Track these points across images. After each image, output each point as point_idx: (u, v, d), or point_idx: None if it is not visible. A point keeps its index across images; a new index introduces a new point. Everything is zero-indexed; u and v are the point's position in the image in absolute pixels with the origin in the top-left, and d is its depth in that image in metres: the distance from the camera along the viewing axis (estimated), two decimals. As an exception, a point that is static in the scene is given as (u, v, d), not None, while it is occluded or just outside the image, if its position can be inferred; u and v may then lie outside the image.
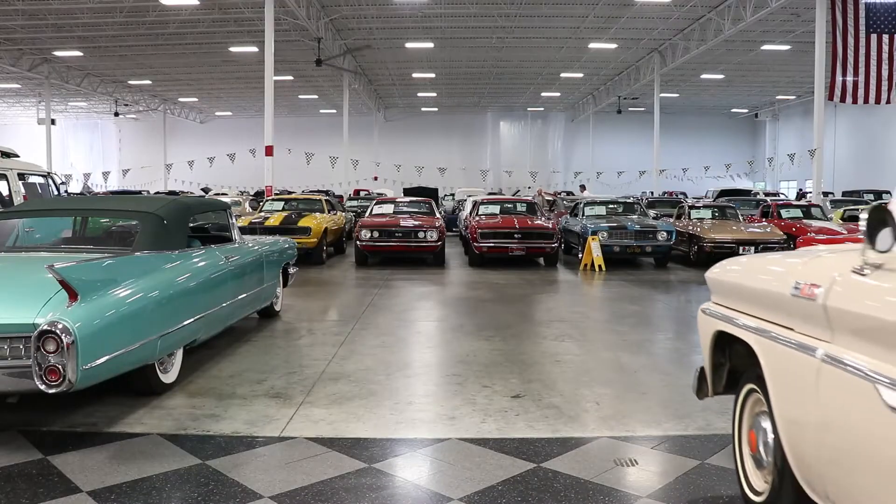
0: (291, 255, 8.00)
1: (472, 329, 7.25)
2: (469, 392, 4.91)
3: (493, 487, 3.32)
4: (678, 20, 25.90)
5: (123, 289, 4.16)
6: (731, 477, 3.43)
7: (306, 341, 6.67)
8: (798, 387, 2.44)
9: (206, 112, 49.65)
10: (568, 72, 34.87)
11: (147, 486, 3.30)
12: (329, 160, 36.28)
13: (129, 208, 5.68)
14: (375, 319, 7.82)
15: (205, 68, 33.99)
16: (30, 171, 9.93)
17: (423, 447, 3.89)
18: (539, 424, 4.23)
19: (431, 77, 35.82)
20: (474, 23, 25.91)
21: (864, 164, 35.85)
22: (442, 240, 13.38)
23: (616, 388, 5.05)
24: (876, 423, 1.97)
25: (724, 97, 42.76)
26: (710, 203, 17.85)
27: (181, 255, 5.15)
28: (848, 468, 2.18)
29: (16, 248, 5.30)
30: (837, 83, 16.97)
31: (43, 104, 35.21)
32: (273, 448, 3.83)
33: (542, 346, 6.48)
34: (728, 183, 39.34)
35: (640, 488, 3.31)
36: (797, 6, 21.96)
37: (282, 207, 15.26)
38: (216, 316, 5.45)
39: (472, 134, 49.25)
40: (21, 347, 3.68)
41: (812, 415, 2.35)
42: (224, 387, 4.99)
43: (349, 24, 26.76)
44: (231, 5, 23.26)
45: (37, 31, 25.89)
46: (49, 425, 4.13)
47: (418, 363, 5.86)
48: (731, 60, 31.31)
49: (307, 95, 41.53)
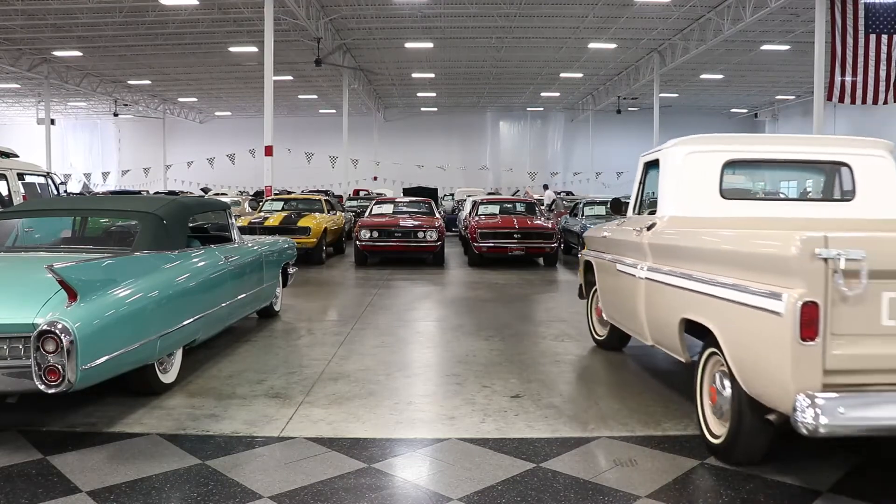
0: (291, 256, 8.00)
1: (472, 329, 7.25)
2: (468, 392, 4.91)
3: (492, 487, 3.33)
4: (678, 20, 25.91)
5: (123, 289, 4.15)
6: (731, 476, 3.43)
7: (306, 341, 6.67)
8: (608, 277, 5.74)
9: (205, 112, 49.62)
10: (567, 72, 34.87)
11: (146, 486, 3.30)
12: (329, 160, 36.28)
13: (128, 208, 5.67)
14: (375, 319, 7.82)
15: (204, 68, 33.98)
16: (29, 171, 9.93)
17: (423, 447, 3.90)
18: (538, 424, 4.23)
19: (431, 77, 35.82)
20: (474, 23, 25.91)
21: (863, 164, 35.80)
22: (441, 240, 13.38)
23: (616, 388, 5.05)
24: (633, 284, 4.90)
25: (723, 97, 42.78)
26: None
27: (181, 256, 5.15)
28: (618, 305, 5.43)
29: (15, 248, 5.30)
30: (836, 83, 16.97)
31: (42, 104, 35.19)
32: (272, 448, 3.83)
33: (542, 346, 6.48)
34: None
35: (640, 488, 3.31)
36: (796, 6, 21.98)
37: (281, 207, 15.27)
38: (216, 316, 5.45)
39: (471, 134, 49.24)
40: (20, 347, 3.68)
41: (610, 287, 5.70)
42: (224, 387, 4.99)
43: (349, 24, 26.76)
44: (230, 5, 23.26)
45: (36, 31, 25.88)
46: (49, 425, 4.13)
47: (418, 363, 5.86)
48: (730, 60, 31.32)
49: (307, 95, 41.52)
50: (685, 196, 4.76)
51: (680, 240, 4.34)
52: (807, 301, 2.92)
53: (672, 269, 4.25)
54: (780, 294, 3.02)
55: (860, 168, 4.85)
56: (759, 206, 4.87)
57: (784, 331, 2.98)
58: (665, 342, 4.51)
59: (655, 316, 4.59)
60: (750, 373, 3.33)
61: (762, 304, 3.16)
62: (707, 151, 4.82)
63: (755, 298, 3.22)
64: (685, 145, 4.86)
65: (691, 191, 4.78)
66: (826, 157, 4.97)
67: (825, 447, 3.74)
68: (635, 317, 4.94)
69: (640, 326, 4.90)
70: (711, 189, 4.74)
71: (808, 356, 2.94)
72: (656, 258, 4.62)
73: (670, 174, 4.87)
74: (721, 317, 3.58)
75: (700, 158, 4.80)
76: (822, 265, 2.92)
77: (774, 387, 3.11)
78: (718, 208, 4.68)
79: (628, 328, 5.34)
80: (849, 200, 4.85)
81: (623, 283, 5.20)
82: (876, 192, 4.82)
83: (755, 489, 3.30)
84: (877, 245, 2.97)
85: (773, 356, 3.08)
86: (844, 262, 2.89)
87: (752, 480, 3.39)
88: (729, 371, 3.53)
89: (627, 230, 5.26)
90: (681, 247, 4.26)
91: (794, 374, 2.95)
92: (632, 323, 5.12)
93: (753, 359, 3.29)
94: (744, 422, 3.45)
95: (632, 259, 5.05)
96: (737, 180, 5.22)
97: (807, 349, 2.93)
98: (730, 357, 3.49)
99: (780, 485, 3.34)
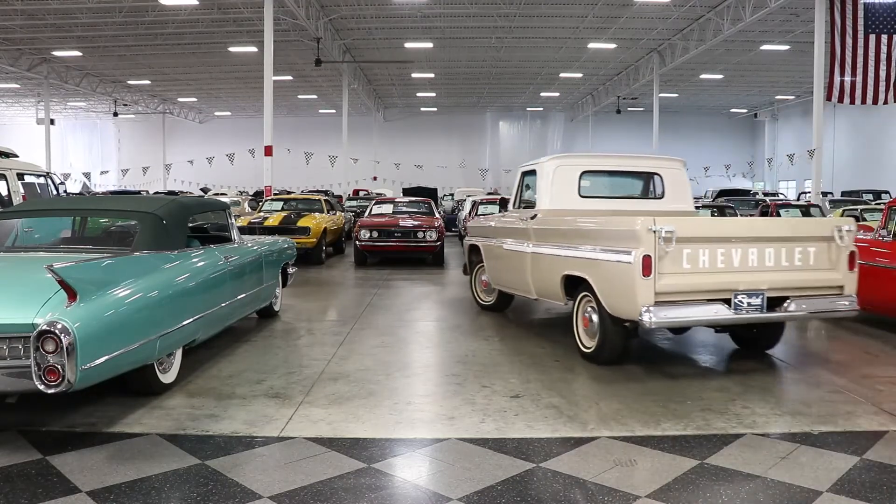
0: (291, 256, 8.00)
1: (471, 329, 7.25)
2: (468, 392, 4.91)
3: (492, 487, 3.32)
4: (677, 20, 25.92)
5: (122, 289, 4.15)
6: (731, 476, 3.44)
7: (305, 341, 6.67)
8: (497, 256, 7.69)
9: (205, 112, 49.63)
10: (567, 72, 34.89)
11: (146, 486, 3.30)
12: (328, 160, 36.28)
13: (128, 208, 5.66)
14: (375, 319, 7.82)
15: (204, 68, 33.99)
16: (29, 171, 9.92)
17: (423, 447, 3.89)
18: (538, 424, 4.23)
19: (431, 77, 35.83)
20: (473, 23, 25.91)
21: (862, 164, 35.89)
22: (441, 240, 13.39)
23: (615, 388, 5.05)
24: (520, 257, 6.96)
25: (723, 97, 42.80)
26: (709, 203, 17.86)
27: (180, 255, 5.14)
28: (507, 275, 7.44)
29: (15, 248, 5.30)
30: (836, 83, 16.98)
31: (42, 104, 35.19)
32: (272, 448, 3.83)
33: (542, 346, 6.48)
34: (726, 182, 39.38)
35: (639, 488, 3.31)
36: (796, 6, 21.99)
37: (281, 207, 15.27)
38: (215, 316, 5.44)
39: (471, 134, 49.27)
40: (20, 347, 3.68)
41: (496, 260, 7.77)
42: (223, 387, 4.99)
43: (348, 24, 26.77)
44: (230, 5, 23.26)
45: (36, 30, 25.88)
46: (48, 425, 4.13)
47: (417, 363, 5.86)
48: (730, 60, 31.34)
49: (306, 95, 41.53)
50: (556, 196, 6.86)
51: (560, 224, 6.34)
52: (645, 254, 4.96)
53: (555, 243, 6.27)
54: (631, 251, 5.04)
55: (667, 177, 7.22)
56: (604, 202, 7.02)
57: (634, 272, 4.99)
58: (549, 294, 6.54)
59: (541, 277, 6.61)
60: (614, 300, 5.31)
61: (620, 259, 5.14)
62: (570, 165, 6.96)
63: (616, 255, 5.21)
64: (556, 160, 6.99)
65: (560, 192, 6.85)
66: (646, 169, 7.28)
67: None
68: (524, 280, 6.95)
69: (527, 287, 6.92)
70: (573, 191, 6.89)
71: (646, 286, 4.97)
72: (538, 238, 6.68)
73: (546, 180, 6.89)
74: (594, 270, 5.55)
75: (565, 170, 6.91)
76: (652, 235, 4.95)
77: (629, 305, 5.09)
78: (578, 204, 6.88)
79: (516, 290, 7.38)
80: (661, 198, 7.21)
81: (512, 258, 7.22)
82: (676, 193, 7.23)
83: (755, 489, 3.30)
84: (678, 224, 5.07)
85: (628, 288, 5.06)
86: (664, 233, 4.94)
87: (752, 480, 3.40)
88: (598, 304, 5.52)
89: (514, 220, 7.27)
90: (561, 229, 6.28)
91: (639, 297, 4.99)
92: (520, 285, 7.13)
93: (616, 292, 5.26)
94: (608, 333, 5.51)
95: (520, 240, 7.06)
96: (589, 185, 7.08)
97: (646, 282, 4.97)
98: (600, 293, 5.45)
99: (780, 485, 3.34)
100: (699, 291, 5.11)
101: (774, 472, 3.48)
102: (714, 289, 5.12)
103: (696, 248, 5.09)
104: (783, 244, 5.32)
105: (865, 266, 7.20)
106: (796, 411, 4.50)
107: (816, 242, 5.42)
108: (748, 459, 3.66)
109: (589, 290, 5.59)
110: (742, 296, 5.13)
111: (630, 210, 6.79)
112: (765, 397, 4.85)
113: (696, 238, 5.12)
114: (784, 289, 5.30)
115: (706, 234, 5.27)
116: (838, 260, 5.46)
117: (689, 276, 5.08)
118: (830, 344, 6.80)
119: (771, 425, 4.25)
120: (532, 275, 6.73)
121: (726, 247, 5.16)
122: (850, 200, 20.47)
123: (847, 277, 5.49)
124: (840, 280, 5.48)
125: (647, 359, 6.05)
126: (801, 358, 6.13)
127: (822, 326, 7.50)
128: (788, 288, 5.32)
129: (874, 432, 4.09)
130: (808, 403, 4.67)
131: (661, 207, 7.02)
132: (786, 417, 4.40)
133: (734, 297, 5.11)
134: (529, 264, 6.75)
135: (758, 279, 5.21)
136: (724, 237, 5.23)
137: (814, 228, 5.61)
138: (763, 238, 5.31)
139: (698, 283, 5.11)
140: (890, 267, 6.83)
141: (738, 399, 4.75)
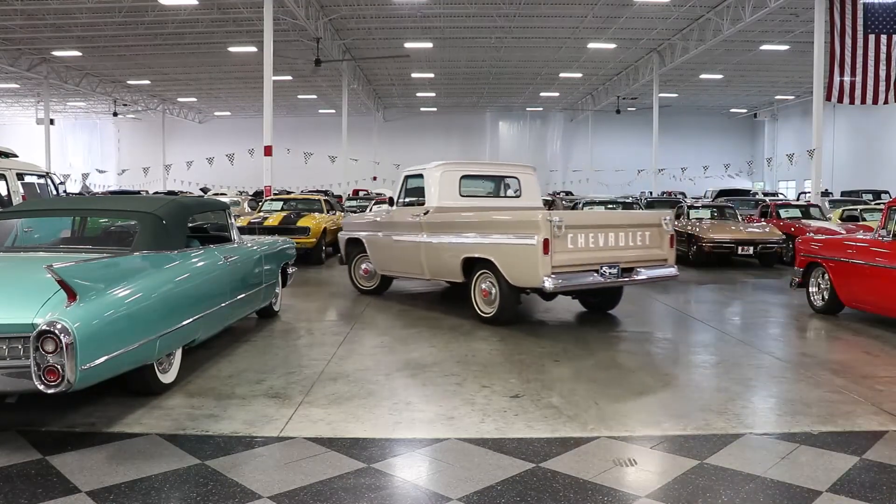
0: (290, 256, 8.00)
1: (471, 329, 7.25)
2: (468, 392, 4.91)
3: (491, 487, 3.32)
4: (677, 20, 25.93)
5: (122, 289, 4.15)
6: (731, 476, 3.44)
7: (305, 341, 6.67)
8: (384, 246, 9.14)
9: (204, 112, 49.64)
10: (567, 72, 34.89)
11: (146, 487, 3.30)
12: (328, 160, 36.29)
13: (127, 208, 5.66)
14: (374, 319, 7.82)
15: (203, 68, 33.99)
16: (28, 171, 9.91)
17: (422, 447, 3.89)
18: (538, 424, 4.23)
19: (430, 77, 35.84)
20: (473, 23, 25.92)
21: (862, 164, 35.90)
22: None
23: (615, 388, 5.05)
24: (414, 246, 8.49)
25: (722, 97, 42.81)
26: (709, 203, 17.85)
27: (180, 255, 5.14)
28: (396, 262, 8.98)
29: (14, 248, 5.30)
30: (835, 83, 16.99)
31: (41, 104, 35.20)
32: (272, 448, 3.83)
33: (541, 345, 6.48)
34: (726, 182, 39.38)
35: (639, 488, 3.31)
36: (796, 6, 22.00)
37: (281, 207, 15.27)
38: (215, 316, 5.44)
39: (471, 134, 49.28)
40: (20, 347, 3.68)
41: (387, 253, 9.12)
42: (223, 387, 4.99)
43: (348, 25, 26.77)
44: (230, 5, 23.26)
45: (35, 31, 25.88)
46: (48, 425, 4.12)
47: (417, 363, 5.86)
48: (729, 60, 31.35)
49: (306, 95, 41.54)
50: (443, 195, 8.43)
51: (455, 217, 8.02)
52: (545, 238, 6.63)
53: (455, 233, 7.80)
54: (534, 235, 6.70)
55: (523, 180, 9.24)
56: (479, 200, 8.80)
57: (537, 251, 6.64)
58: (444, 275, 8.18)
59: (436, 262, 8.12)
60: (518, 273, 6.95)
61: (525, 242, 6.78)
62: (453, 170, 8.62)
63: (521, 239, 6.86)
64: (442, 167, 8.58)
65: (445, 192, 8.45)
66: (508, 174, 9.32)
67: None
68: (416, 265, 8.45)
69: (421, 270, 8.43)
70: (455, 191, 8.55)
71: (545, 261, 6.62)
72: (431, 230, 8.19)
73: (433, 182, 8.45)
74: (498, 252, 7.14)
75: (449, 174, 8.56)
76: (549, 223, 6.65)
77: (532, 277, 6.74)
78: (459, 202, 8.51)
79: (406, 273, 8.88)
80: (519, 196, 9.16)
81: (403, 247, 8.64)
82: (530, 193, 9.24)
83: (755, 489, 3.30)
84: (565, 216, 6.85)
85: (532, 264, 6.71)
86: (556, 222, 6.67)
87: (752, 480, 3.40)
88: (497, 279, 7.18)
89: (406, 215, 8.69)
90: (458, 222, 7.87)
91: (540, 269, 6.63)
92: (412, 269, 8.61)
93: (519, 267, 6.91)
94: (506, 300, 7.20)
95: (413, 232, 8.49)
96: (467, 186, 8.74)
97: (545, 258, 6.61)
98: (504, 270, 7.05)
99: (781, 485, 3.34)
100: (579, 265, 6.88)
101: (774, 472, 3.49)
102: (588, 262, 6.93)
103: (576, 233, 6.90)
104: (630, 230, 7.33)
105: (865, 266, 7.21)
106: (796, 411, 4.50)
107: (651, 228, 7.48)
108: (748, 459, 3.66)
109: (490, 268, 7.24)
110: (605, 267, 6.99)
111: (497, 206, 8.68)
112: (765, 397, 4.84)
113: (577, 226, 6.95)
114: (631, 262, 7.25)
115: (583, 223, 7.16)
116: (663, 240, 7.55)
117: (572, 253, 6.85)
118: (830, 344, 6.80)
119: (771, 425, 4.25)
120: (426, 261, 8.25)
121: (595, 232, 7.05)
122: (850, 200, 20.45)
123: (669, 252, 7.58)
124: (665, 255, 7.55)
125: (646, 359, 6.05)
126: (800, 358, 6.13)
127: (822, 326, 7.51)
128: (634, 261, 7.28)
129: (874, 432, 4.09)
130: (807, 403, 4.67)
131: (520, 204, 8.94)
132: (786, 417, 4.40)
133: (601, 268, 6.96)
134: (423, 251, 8.26)
135: (615, 255, 7.12)
136: (594, 225, 7.18)
137: (649, 218, 7.64)
138: (618, 225, 7.29)
139: (578, 259, 6.89)
140: (890, 267, 6.82)
141: (738, 399, 4.76)
